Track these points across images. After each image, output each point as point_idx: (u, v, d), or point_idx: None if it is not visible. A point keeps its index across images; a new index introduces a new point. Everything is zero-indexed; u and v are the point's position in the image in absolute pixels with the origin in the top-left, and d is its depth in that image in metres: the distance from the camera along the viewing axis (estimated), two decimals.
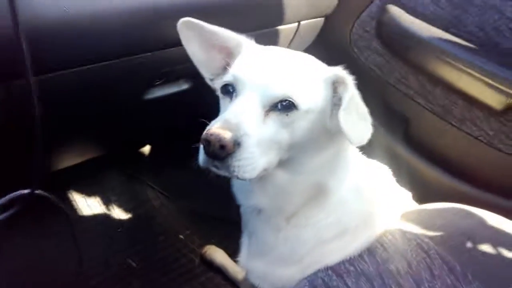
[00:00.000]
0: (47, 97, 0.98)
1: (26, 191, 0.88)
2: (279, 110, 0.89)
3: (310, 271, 1.07)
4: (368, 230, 1.12)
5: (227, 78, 0.95)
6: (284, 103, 0.88)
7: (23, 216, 0.93)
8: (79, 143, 1.50)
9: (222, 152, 0.82)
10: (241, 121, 0.84)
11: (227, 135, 0.81)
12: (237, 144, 0.82)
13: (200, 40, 1.05)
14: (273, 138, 0.89)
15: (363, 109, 0.99)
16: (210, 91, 1.10)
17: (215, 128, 0.82)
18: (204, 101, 1.15)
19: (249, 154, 0.84)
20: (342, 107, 0.90)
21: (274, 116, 0.89)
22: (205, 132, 0.83)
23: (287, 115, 0.89)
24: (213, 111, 1.01)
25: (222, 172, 0.87)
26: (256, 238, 1.16)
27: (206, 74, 1.10)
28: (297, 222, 1.07)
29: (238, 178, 0.86)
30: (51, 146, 1.36)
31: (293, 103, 0.88)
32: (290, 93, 0.88)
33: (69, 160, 1.60)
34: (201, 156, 0.87)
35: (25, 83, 0.82)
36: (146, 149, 2.35)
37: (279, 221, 1.08)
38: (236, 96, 0.93)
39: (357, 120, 0.94)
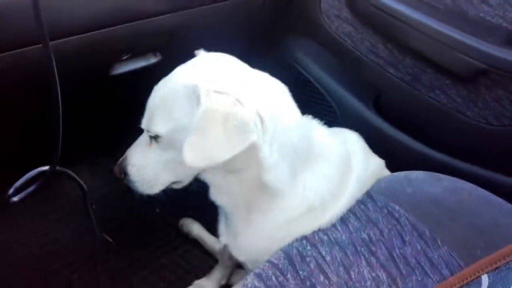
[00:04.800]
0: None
1: (45, 167, 0.86)
2: (154, 138, 1.06)
3: (284, 243, 1.10)
4: (338, 201, 1.15)
5: None
6: (150, 134, 1.05)
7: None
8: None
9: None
10: (128, 155, 1.12)
11: (116, 168, 1.14)
12: (123, 172, 1.12)
13: None
14: (161, 160, 1.07)
15: (235, 122, 0.90)
16: (180, 64, 1.09)
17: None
18: None
19: (137, 178, 1.11)
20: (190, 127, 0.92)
21: (153, 145, 1.07)
22: None
23: (157, 141, 1.05)
24: None
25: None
26: (228, 219, 1.21)
27: None
28: (260, 207, 1.11)
29: (143, 193, 1.13)
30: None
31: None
32: (147, 126, 1.06)
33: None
34: None
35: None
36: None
37: (241, 212, 1.13)
38: None
39: (215, 141, 0.91)
